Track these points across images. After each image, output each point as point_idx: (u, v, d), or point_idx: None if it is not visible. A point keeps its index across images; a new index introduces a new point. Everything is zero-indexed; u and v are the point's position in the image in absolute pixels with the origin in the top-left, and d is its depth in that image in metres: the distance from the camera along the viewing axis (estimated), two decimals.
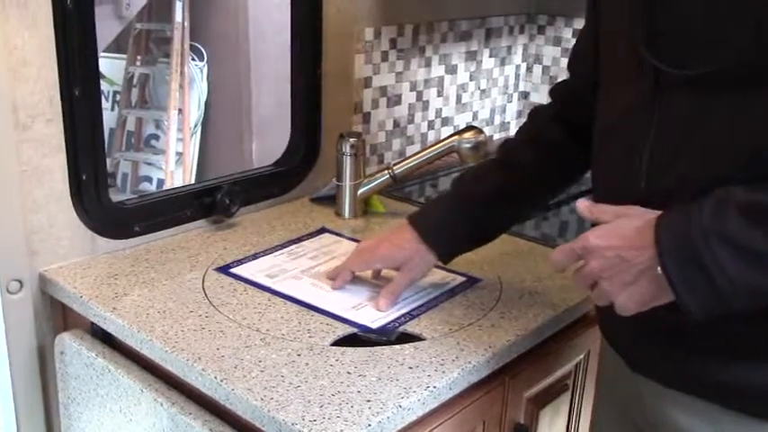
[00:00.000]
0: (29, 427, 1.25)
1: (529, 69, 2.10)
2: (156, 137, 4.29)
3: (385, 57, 1.69)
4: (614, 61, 0.95)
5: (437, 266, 1.20)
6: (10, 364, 1.20)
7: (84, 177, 1.22)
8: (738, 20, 0.77)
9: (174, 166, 4.11)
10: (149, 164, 4.27)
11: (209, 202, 1.40)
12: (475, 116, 2.00)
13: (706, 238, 0.73)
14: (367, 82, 1.66)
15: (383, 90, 1.71)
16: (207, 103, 4.16)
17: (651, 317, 0.84)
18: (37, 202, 1.18)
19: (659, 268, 0.76)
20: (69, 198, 1.22)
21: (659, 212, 0.79)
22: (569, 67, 1.16)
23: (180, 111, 4.01)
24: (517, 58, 2.06)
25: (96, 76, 1.19)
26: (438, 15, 1.78)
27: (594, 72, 1.00)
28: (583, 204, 0.87)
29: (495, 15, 1.93)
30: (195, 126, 4.18)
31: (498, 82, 2.03)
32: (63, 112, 1.17)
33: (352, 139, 1.46)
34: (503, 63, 2.02)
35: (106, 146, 4.40)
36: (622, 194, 0.87)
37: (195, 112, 4.14)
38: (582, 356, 1.27)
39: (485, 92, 2.00)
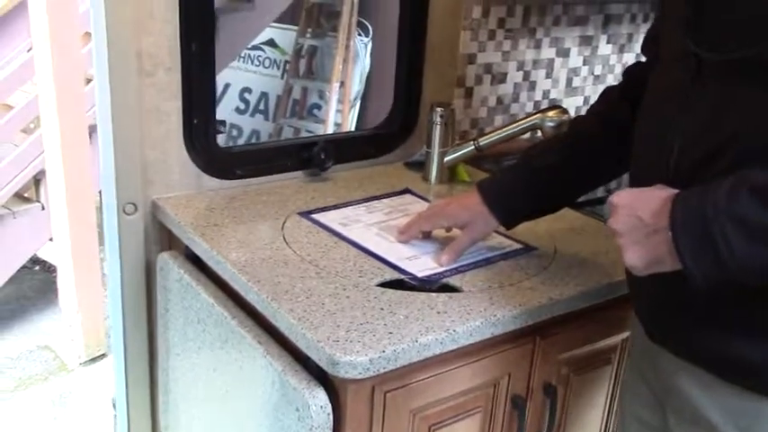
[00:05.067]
0: (133, 331, 1.46)
1: None
2: (319, 107, 4.53)
3: (492, 35, 1.76)
4: (667, 45, 1.00)
5: (499, 232, 1.28)
6: (121, 276, 1.42)
7: (195, 122, 1.40)
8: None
9: None
10: (309, 132, 4.52)
11: (306, 155, 1.55)
12: (586, 101, 2.02)
13: (716, 213, 0.78)
14: (471, 58, 1.75)
15: (488, 67, 1.79)
16: (368, 78, 4.35)
17: (667, 290, 0.91)
18: (154, 139, 1.38)
19: (670, 233, 0.82)
20: (182, 138, 1.41)
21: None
22: (642, 49, 1.20)
23: (342, 83, 4.21)
24: (638, 46, 2.05)
25: (212, 33, 1.36)
26: None
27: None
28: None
29: (615, 2, 1.94)
30: (355, 99, 4.38)
31: (615, 69, 2.04)
32: (182, 63, 1.36)
33: (440, 109, 1.56)
34: (621, 50, 2.03)
35: (272, 112, 4.66)
36: (654, 168, 0.94)
37: (356, 86, 4.34)
38: (629, 333, 1.30)
39: (599, 78, 2.02)
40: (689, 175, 0.88)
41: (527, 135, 1.59)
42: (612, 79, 2.05)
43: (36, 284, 3.39)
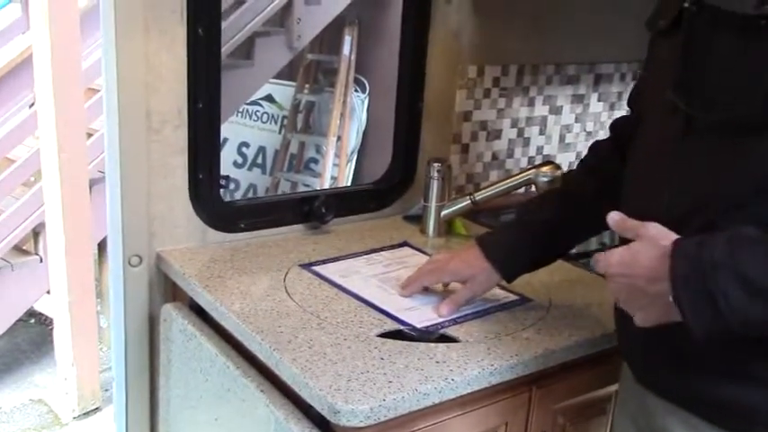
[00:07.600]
0: (135, 382, 1.48)
1: None
2: (316, 161, 4.58)
3: (487, 94, 1.83)
4: (655, 101, 1.05)
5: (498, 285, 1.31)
6: (125, 327, 1.44)
7: (200, 176, 1.45)
8: (756, 78, 0.86)
9: None
10: (306, 185, 4.56)
11: (307, 209, 1.59)
12: (578, 156, 2.08)
13: (715, 271, 0.82)
14: (467, 116, 1.81)
15: (483, 124, 1.85)
16: (365, 133, 4.42)
17: (657, 336, 0.94)
18: (160, 193, 1.42)
19: (671, 297, 0.85)
20: (187, 193, 1.45)
21: (673, 237, 0.88)
22: (628, 103, 1.26)
23: (339, 138, 4.28)
24: None
25: (217, 92, 1.42)
26: (544, 59, 1.90)
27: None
28: (614, 218, 0.97)
29: (605, 62, 2.01)
30: (351, 153, 4.43)
31: (606, 125, 2.10)
32: (188, 121, 1.41)
33: (437, 165, 1.61)
34: (612, 108, 2.09)
35: (270, 165, 4.66)
36: (647, 218, 0.97)
37: (353, 141, 4.40)
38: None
39: (590, 134, 2.08)
40: (681, 222, 0.91)
41: (522, 189, 1.65)
42: (603, 135, 2.10)
43: (31, 337, 3.39)
